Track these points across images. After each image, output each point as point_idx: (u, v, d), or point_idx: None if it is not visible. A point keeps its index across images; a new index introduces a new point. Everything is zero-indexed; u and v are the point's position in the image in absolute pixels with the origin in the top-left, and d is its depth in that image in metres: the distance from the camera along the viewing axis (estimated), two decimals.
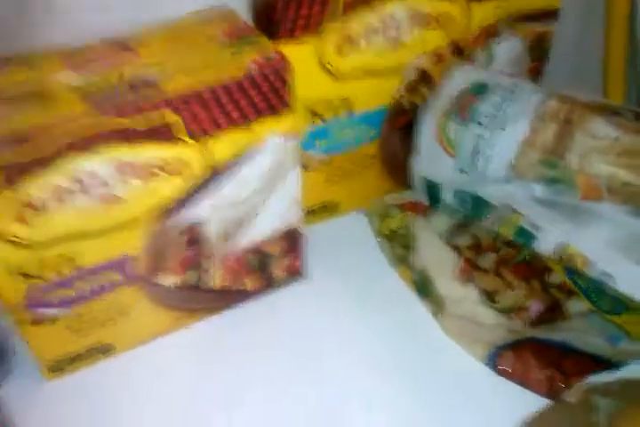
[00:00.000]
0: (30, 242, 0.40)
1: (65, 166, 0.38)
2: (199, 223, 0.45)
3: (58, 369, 0.48)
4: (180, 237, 0.45)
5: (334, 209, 0.60)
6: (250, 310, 0.52)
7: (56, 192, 0.39)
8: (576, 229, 0.49)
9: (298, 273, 0.54)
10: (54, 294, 0.43)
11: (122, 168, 0.40)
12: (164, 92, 0.39)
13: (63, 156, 0.38)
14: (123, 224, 0.42)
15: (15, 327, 0.44)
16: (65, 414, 0.45)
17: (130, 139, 0.39)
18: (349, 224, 0.59)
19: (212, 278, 0.49)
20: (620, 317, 0.48)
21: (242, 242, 0.48)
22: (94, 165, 0.39)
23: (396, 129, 0.57)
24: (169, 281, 0.47)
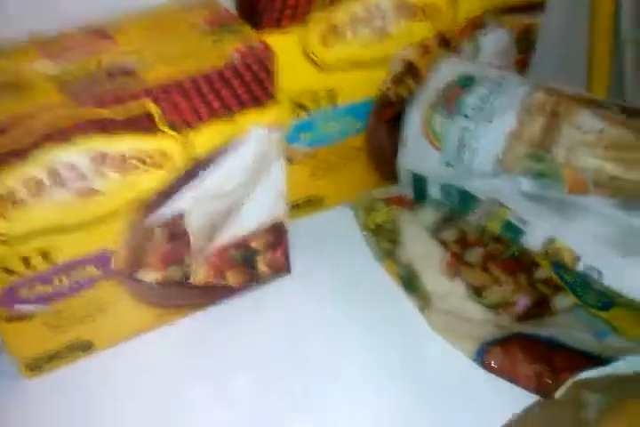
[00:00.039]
0: (6, 236, 0.39)
1: (42, 158, 0.37)
2: (181, 217, 0.45)
3: (36, 368, 0.47)
4: (161, 231, 0.45)
5: (319, 203, 0.59)
6: (235, 306, 0.52)
7: (33, 185, 0.38)
8: (563, 224, 0.49)
9: (283, 268, 0.53)
10: (31, 289, 0.43)
11: (100, 160, 0.39)
12: (143, 82, 0.39)
13: (40, 147, 0.37)
14: (101, 218, 0.42)
15: None
16: (45, 413, 0.45)
17: (108, 129, 0.38)
18: (335, 218, 0.59)
19: (196, 274, 0.49)
20: (607, 312, 0.48)
21: (226, 236, 0.48)
22: (72, 156, 0.38)
23: (383, 121, 0.57)
24: (150, 277, 0.47)
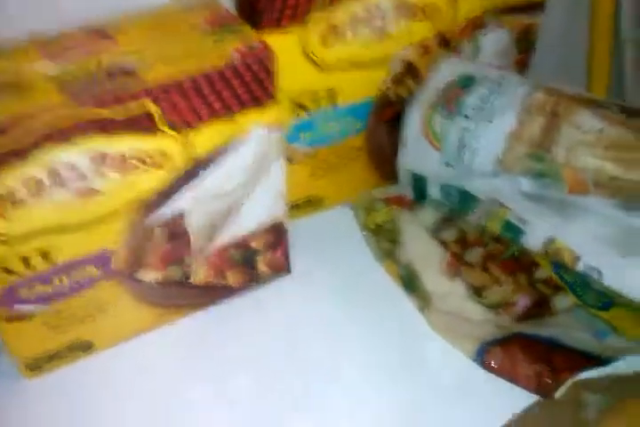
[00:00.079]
0: (6, 236, 0.39)
1: (42, 158, 0.37)
2: (181, 217, 0.44)
3: (36, 368, 0.47)
4: (161, 231, 0.44)
5: (319, 203, 0.59)
6: (235, 306, 0.51)
7: (33, 185, 0.38)
8: (563, 223, 0.49)
9: (283, 268, 0.53)
10: (31, 289, 0.42)
11: (100, 160, 0.39)
12: (143, 82, 0.38)
13: (40, 147, 0.37)
14: (101, 218, 0.41)
15: None
16: (45, 413, 0.45)
17: (108, 129, 0.38)
18: (335, 218, 0.59)
19: (196, 274, 0.48)
20: (607, 312, 0.48)
21: (226, 236, 0.48)
22: (72, 156, 0.38)
23: (383, 122, 0.57)
24: (150, 277, 0.47)
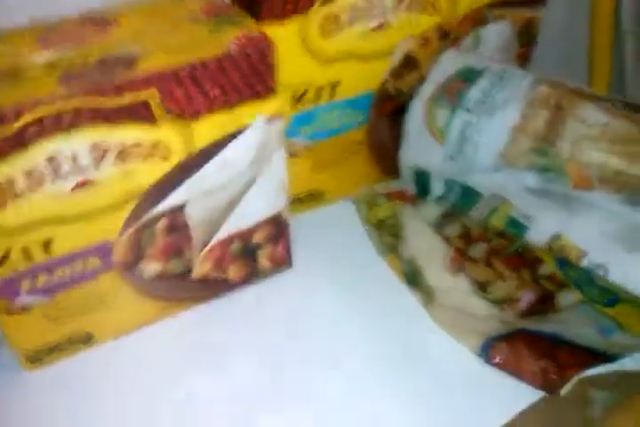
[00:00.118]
0: (6, 227, 0.39)
1: (39, 148, 0.37)
2: (181, 209, 0.44)
3: (37, 360, 0.47)
4: (162, 223, 0.44)
5: (321, 197, 0.59)
6: (237, 299, 0.51)
7: (30, 175, 0.37)
8: (569, 219, 0.49)
9: (284, 262, 0.53)
10: (32, 281, 0.42)
11: (98, 150, 0.39)
12: (141, 71, 0.38)
13: (37, 136, 0.36)
14: (102, 209, 0.41)
15: None
16: (46, 406, 0.45)
17: (106, 119, 0.38)
18: (336, 213, 0.58)
19: (197, 267, 0.48)
20: (613, 308, 0.48)
21: (227, 229, 0.47)
22: (71, 146, 0.38)
23: (384, 115, 0.57)
24: (151, 270, 0.46)
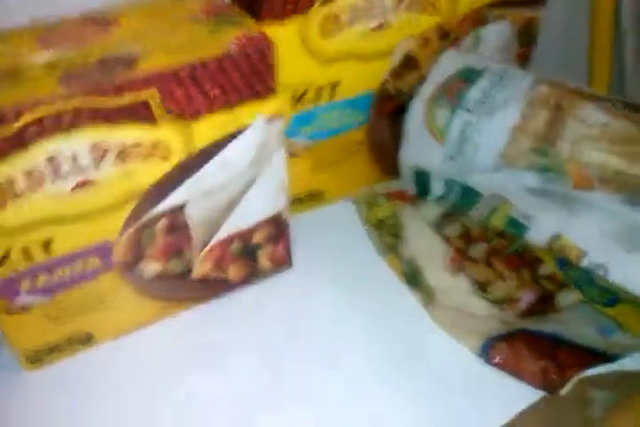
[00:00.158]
0: (4, 227, 0.39)
1: (39, 148, 0.37)
2: (181, 209, 0.44)
3: (37, 360, 0.47)
4: (162, 223, 0.44)
5: (321, 197, 0.59)
6: (236, 299, 0.51)
7: (30, 175, 0.37)
8: (569, 219, 0.49)
9: (284, 262, 0.53)
10: (32, 281, 0.42)
11: (98, 150, 0.39)
12: (141, 71, 0.38)
13: (37, 136, 0.36)
14: (101, 209, 0.41)
15: None
16: (46, 406, 0.45)
17: (106, 119, 0.38)
18: (336, 213, 0.58)
19: (197, 268, 0.48)
20: (612, 308, 0.47)
21: (227, 229, 0.47)
22: (69, 146, 0.37)
23: (384, 116, 0.56)
24: (151, 270, 0.46)
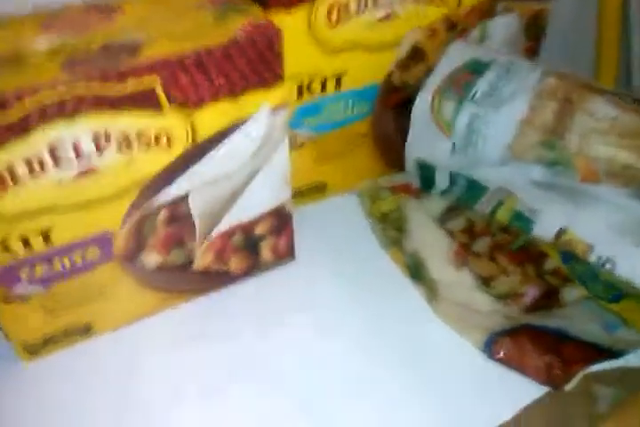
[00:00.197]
0: (6, 214, 0.39)
1: (41, 134, 0.36)
2: (184, 199, 0.44)
3: (35, 351, 0.46)
4: (164, 213, 0.44)
5: (324, 190, 0.58)
6: (238, 292, 0.51)
7: (30, 162, 0.37)
8: (575, 212, 0.49)
9: (286, 255, 0.52)
10: (31, 270, 0.42)
11: (100, 138, 0.38)
12: (145, 57, 0.38)
13: (39, 123, 0.36)
14: (103, 198, 0.41)
15: None
16: (44, 397, 0.45)
17: (109, 106, 0.37)
18: (340, 206, 0.58)
19: (198, 259, 0.48)
20: (617, 304, 0.47)
21: (230, 221, 0.47)
22: (72, 133, 0.37)
23: (389, 108, 0.56)
24: (152, 260, 0.46)
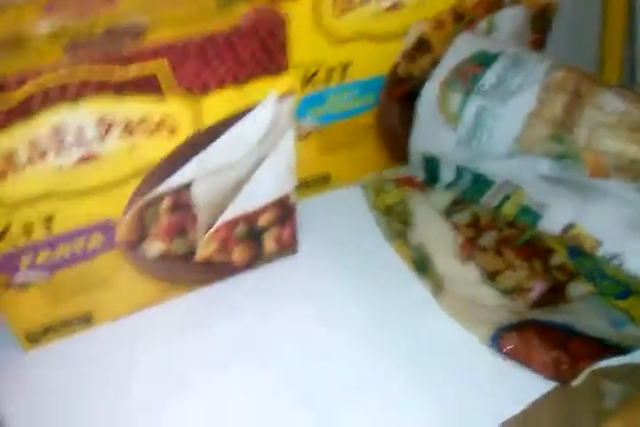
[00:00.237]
0: (8, 200, 0.38)
1: (44, 118, 0.36)
2: (188, 188, 0.43)
3: (36, 339, 0.46)
4: (167, 201, 0.43)
5: (328, 181, 0.58)
6: (240, 283, 0.51)
7: (33, 146, 0.37)
8: (584, 207, 0.49)
9: (289, 246, 0.52)
10: (31, 258, 0.42)
11: (104, 123, 0.38)
12: (148, 42, 0.37)
13: (41, 106, 0.36)
14: (106, 185, 0.41)
15: None
16: (45, 385, 0.45)
17: (112, 90, 0.37)
18: (344, 198, 0.57)
19: (201, 249, 0.48)
20: (625, 301, 0.47)
21: (233, 211, 0.47)
22: (75, 117, 0.37)
23: (394, 100, 0.56)
24: (155, 249, 0.46)
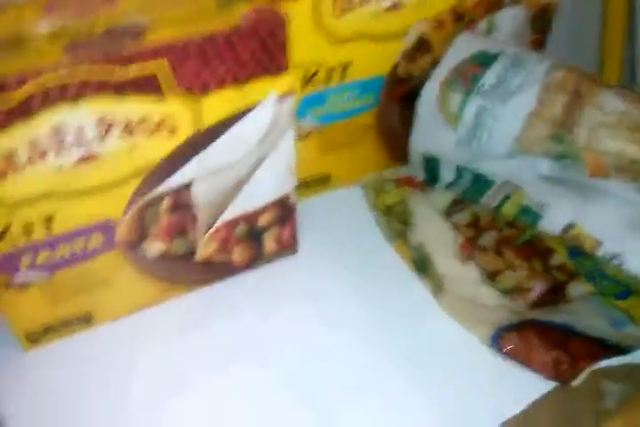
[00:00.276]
0: (8, 200, 0.38)
1: (44, 118, 0.36)
2: (188, 188, 0.43)
3: (35, 339, 0.46)
4: (167, 201, 0.43)
5: (328, 181, 0.58)
6: (240, 283, 0.51)
7: (33, 145, 0.37)
8: (583, 207, 0.49)
9: (289, 246, 0.52)
10: (31, 258, 0.42)
11: (104, 122, 0.38)
12: (148, 42, 0.37)
13: (41, 106, 0.36)
14: (106, 185, 0.41)
15: None
16: (44, 385, 0.45)
17: (112, 90, 0.37)
18: (343, 199, 0.57)
19: (201, 249, 0.48)
20: (625, 301, 0.47)
21: (233, 210, 0.47)
22: (75, 117, 0.37)
23: (394, 100, 0.56)
24: (155, 249, 0.46)
